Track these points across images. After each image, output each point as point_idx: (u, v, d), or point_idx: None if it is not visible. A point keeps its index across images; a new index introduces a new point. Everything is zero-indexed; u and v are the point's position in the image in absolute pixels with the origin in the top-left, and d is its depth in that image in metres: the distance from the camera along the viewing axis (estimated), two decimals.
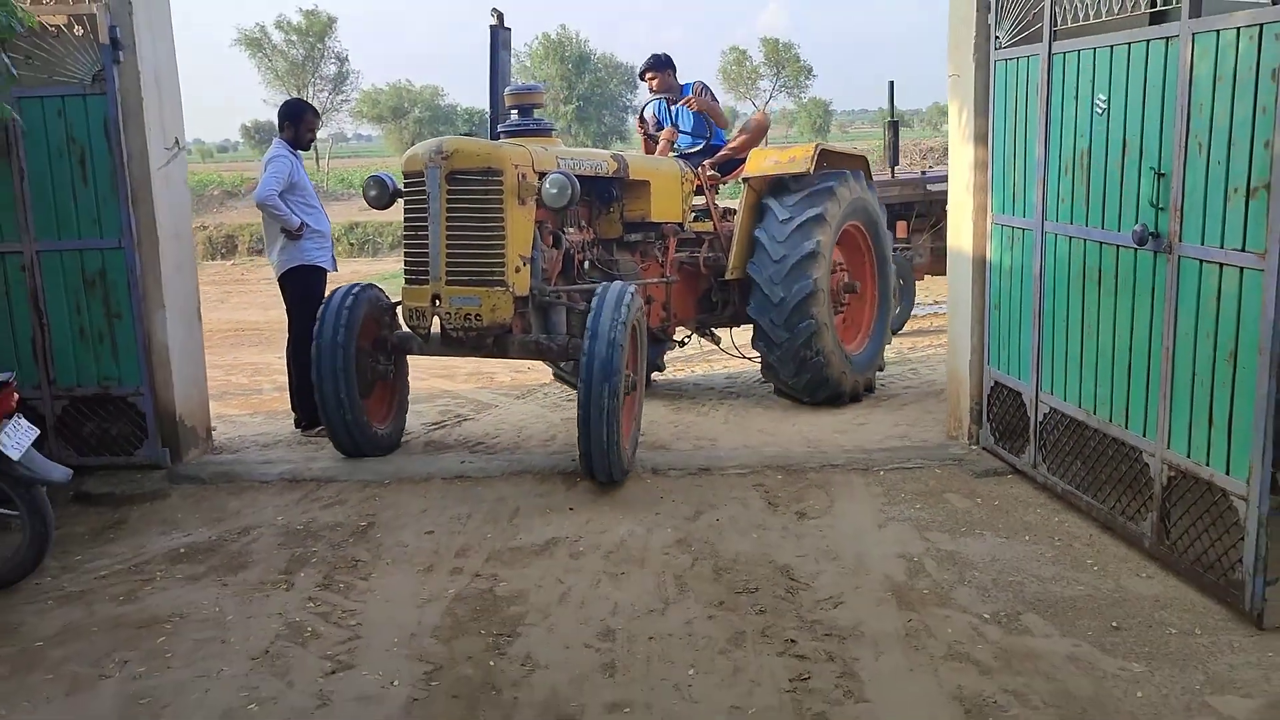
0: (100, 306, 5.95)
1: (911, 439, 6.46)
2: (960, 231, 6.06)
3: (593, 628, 4.14)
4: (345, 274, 9.32)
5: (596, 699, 3.61)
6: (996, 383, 5.79)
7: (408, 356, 6.59)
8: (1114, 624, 4.01)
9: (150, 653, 4.06)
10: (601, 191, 6.70)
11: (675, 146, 7.84)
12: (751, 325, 7.32)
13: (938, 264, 11.07)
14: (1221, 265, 3.96)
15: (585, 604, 4.36)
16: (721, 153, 7.68)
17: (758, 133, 7.88)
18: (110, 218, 5.85)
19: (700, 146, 7.81)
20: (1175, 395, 4.28)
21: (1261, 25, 3.69)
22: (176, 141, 6.19)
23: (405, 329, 6.13)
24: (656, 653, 3.92)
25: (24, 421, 4.64)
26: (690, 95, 7.67)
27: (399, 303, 6.08)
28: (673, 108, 7.90)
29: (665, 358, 8.53)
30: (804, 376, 7.10)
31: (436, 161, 5.64)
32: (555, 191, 5.72)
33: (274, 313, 14.81)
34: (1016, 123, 5.41)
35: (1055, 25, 5.00)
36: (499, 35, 6.54)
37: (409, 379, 6.82)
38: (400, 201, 6.10)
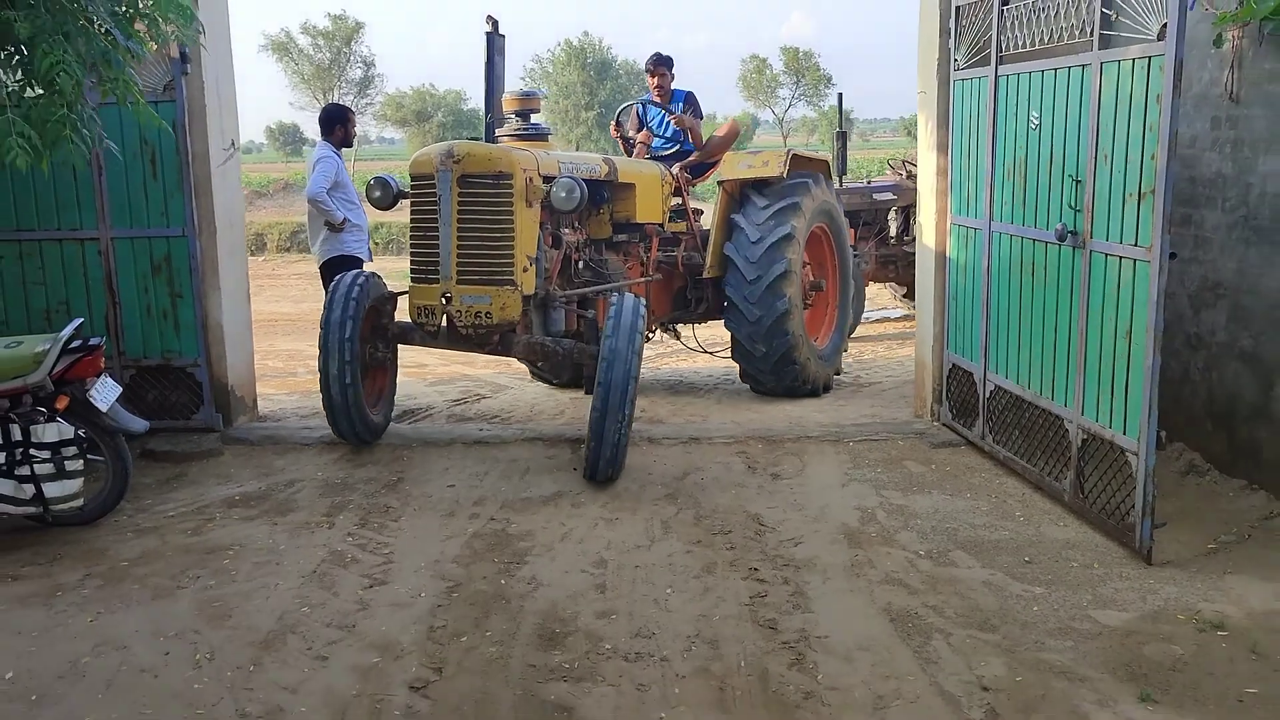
0: (165, 288, 6.74)
1: (882, 418, 7.20)
2: (926, 231, 6.80)
3: (589, 558, 4.90)
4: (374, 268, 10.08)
5: (589, 609, 4.38)
6: (954, 365, 6.53)
7: (401, 347, 6.78)
8: (1026, 559, 4.75)
9: (217, 571, 4.85)
10: (593, 194, 6.75)
11: (650, 149, 8.17)
12: (716, 320, 7.82)
13: (881, 271, 11.74)
14: (1120, 258, 4.71)
15: (583, 541, 5.12)
16: (693, 157, 8.02)
17: (729, 138, 8.17)
18: (175, 209, 6.65)
19: (673, 150, 8.14)
20: (1088, 369, 5.02)
21: (1150, 58, 4.43)
22: (233, 143, 6.99)
23: (407, 321, 6.29)
24: (641, 577, 4.68)
25: (110, 380, 5.45)
26: (679, 109, 8.03)
27: (401, 293, 6.34)
28: (653, 111, 8.20)
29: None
30: (783, 382, 7.65)
31: (448, 165, 5.83)
32: (564, 195, 5.98)
33: (305, 305, 15.68)
34: (970, 135, 6.16)
35: (1001, 51, 5.75)
36: (494, 42, 6.69)
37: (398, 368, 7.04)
38: (402, 201, 6.40)
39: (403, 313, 6.48)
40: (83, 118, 3.03)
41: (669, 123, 8.11)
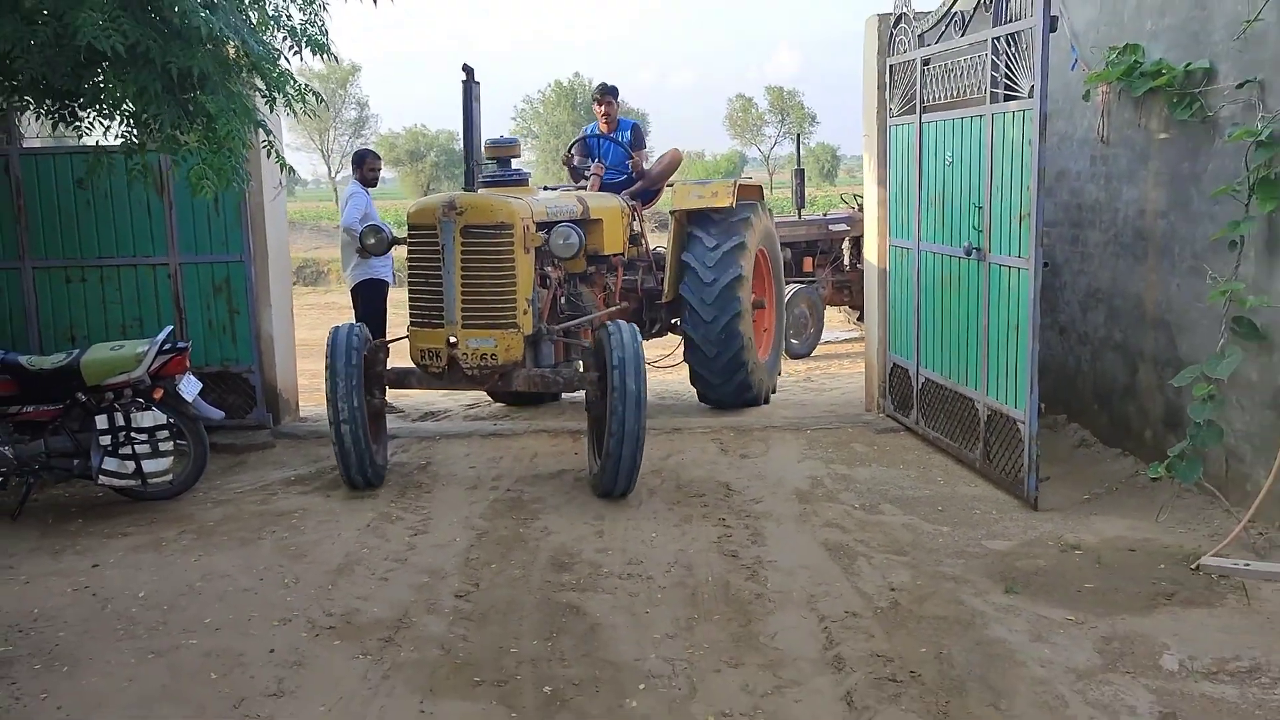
0: (224, 305, 7.91)
1: (838, 412, 8.40)
2: (871, 253, 8.03)
3: (589, 514, 6.06)
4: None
5: (590, 547, 5.53)
6: (894, 364, 7.74)
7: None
8: (940, 509, 5.94)
9: (289, 527, 5.98)
10: None
11: (602, 180, 8.47)
12: (658, 339, 8.50)
13: (836, 295, 12.92)
14: (1010, 268, 5.93)
15: (584, 504, 6.27)
16: (638, 184, 8.52)
17: (671, 167, 8.67)
18: (234, 239, 7.83)
19: (621, 180, 8.57)
20: (990, 358, 6.23)
21: (1024, 111, 5.67)
22: (280, 182, 8.18)
23: (401, 366, 6.71)
24: (631, 526, 5.84)
25: (193, 377, 6.60)
26: (625, 137, 8.61)
27: (395, 339, 6.79)
28: (601, 143, 8.73)
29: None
30: (731, 383, 8.18)
31: (450, 216, 6.12)
32: (562, 243, 6.34)
33: (318, 332, 16.78)
34: (903, 170, 7.40)
35: (924, 103, 6.99)
36: (472, 90, 6.89)
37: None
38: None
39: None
40: (241, 167, 4.19)
41: (615, 150, 8.61)
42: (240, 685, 4.10)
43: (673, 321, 8.49)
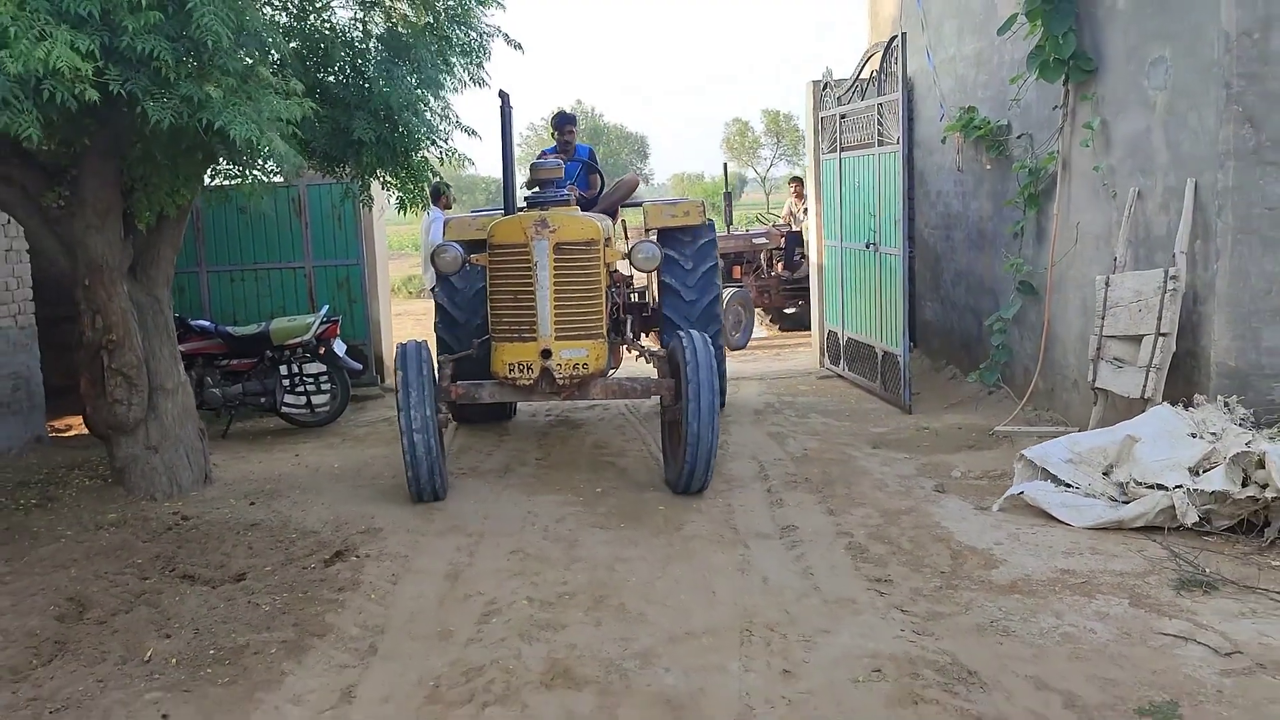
0: (345, 297, 10.93)
1: (793, 371, 11.44)
2: (814, 251, 11.08)
3: (612, 428, 9.05)
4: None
5: (617, 440, 8.52)
6: (830, 330, 10.76)
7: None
8: (848, 415, 8.96)
9: None
10: None
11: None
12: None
13: (759, 298, 14.86)
14: (891, 255, 8.95)
15: (610, 423, 9.27)
16: (600, 206, 8.79)
17: (628, 189, 9.12)
18: (353, 248, 10.87)
19: (583, 201, 8.47)
20: (882, 317, 9.25)
21: (894, 153, 8.71)
22: (382, 207, 11.21)
23: (468, 382, 6.93)
24: (647, 430, 8.83)
25: (340, 340, 9.61)
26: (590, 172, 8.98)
27: (461, 355, 7.21)
28: (565, 164, 8.50)
29: None
30: None
31: (544, 235, 6.39)
32: (645, 256, 6.85)
33: None
34: (830, 192, 10.44)
35: (842, 145, 10.04)
36: (508, 115, 7.14)
37: None
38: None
39: None
40: (425, 196, 7.23)
41: (580, 175, 8.97)
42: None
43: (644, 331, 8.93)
